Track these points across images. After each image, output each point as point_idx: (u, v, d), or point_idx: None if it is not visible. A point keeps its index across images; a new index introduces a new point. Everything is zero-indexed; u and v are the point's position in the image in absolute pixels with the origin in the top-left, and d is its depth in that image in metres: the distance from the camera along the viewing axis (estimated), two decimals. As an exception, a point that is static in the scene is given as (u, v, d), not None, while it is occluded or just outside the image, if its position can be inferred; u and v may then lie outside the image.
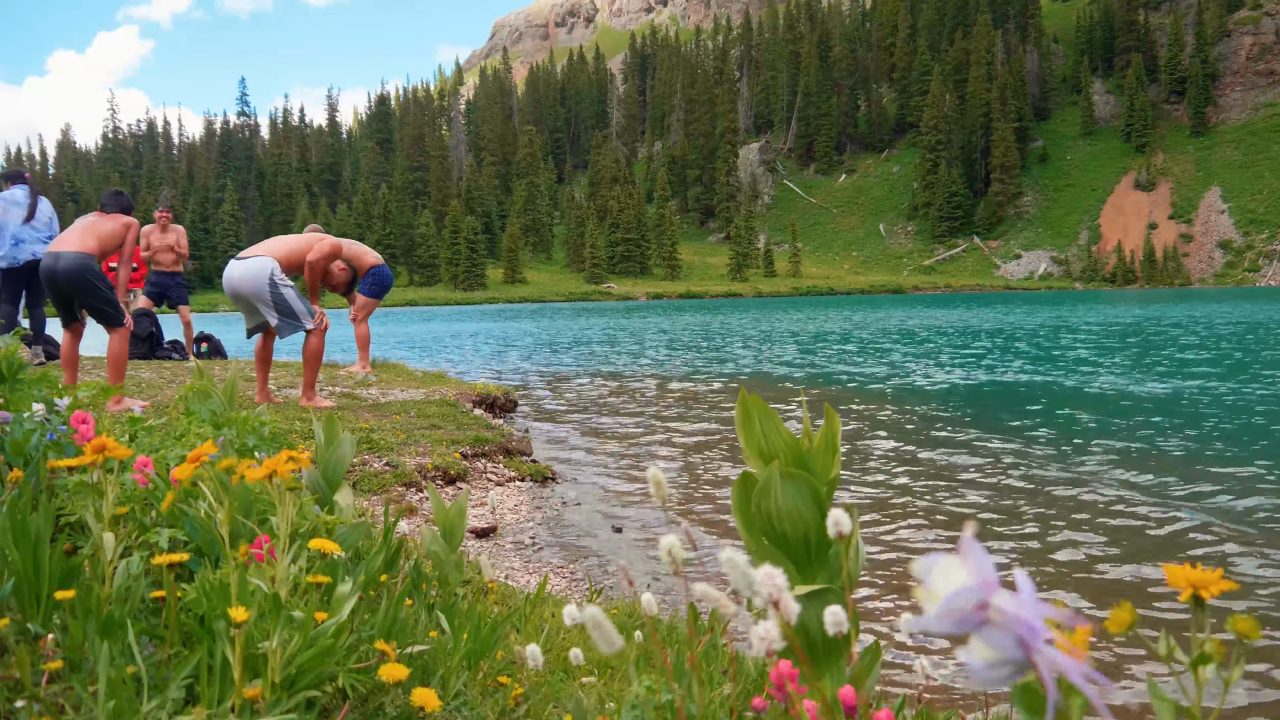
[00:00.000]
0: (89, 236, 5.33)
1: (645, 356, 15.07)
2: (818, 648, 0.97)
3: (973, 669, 0.41)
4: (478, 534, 3.71)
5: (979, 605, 0.40)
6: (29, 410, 1.54)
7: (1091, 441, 6.05)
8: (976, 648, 0.41)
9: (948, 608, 0.40)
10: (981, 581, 0.41)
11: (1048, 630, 0.41)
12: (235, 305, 5.58)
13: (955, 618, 0.41)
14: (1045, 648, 0.41)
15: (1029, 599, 0.41)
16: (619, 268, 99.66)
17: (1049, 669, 0.41)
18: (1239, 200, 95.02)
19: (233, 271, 5.45)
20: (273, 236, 5.85)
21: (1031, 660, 0.41)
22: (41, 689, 0.96)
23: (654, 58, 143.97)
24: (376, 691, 1.10)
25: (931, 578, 0.42)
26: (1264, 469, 5.06)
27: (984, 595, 0.41)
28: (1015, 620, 0.40)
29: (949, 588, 0.41)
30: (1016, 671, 0.41)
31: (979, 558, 0.41)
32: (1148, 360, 12.31)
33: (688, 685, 0.92)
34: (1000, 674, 0.41)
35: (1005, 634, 0.41)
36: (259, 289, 5.37)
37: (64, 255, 5.21)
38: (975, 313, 33.55)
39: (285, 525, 1.02)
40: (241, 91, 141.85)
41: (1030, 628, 0.40)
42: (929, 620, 0.41)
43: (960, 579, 0.41)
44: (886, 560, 3.56)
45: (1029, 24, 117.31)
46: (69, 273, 5.18)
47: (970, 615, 0.41)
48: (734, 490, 1.00)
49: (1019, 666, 0.41)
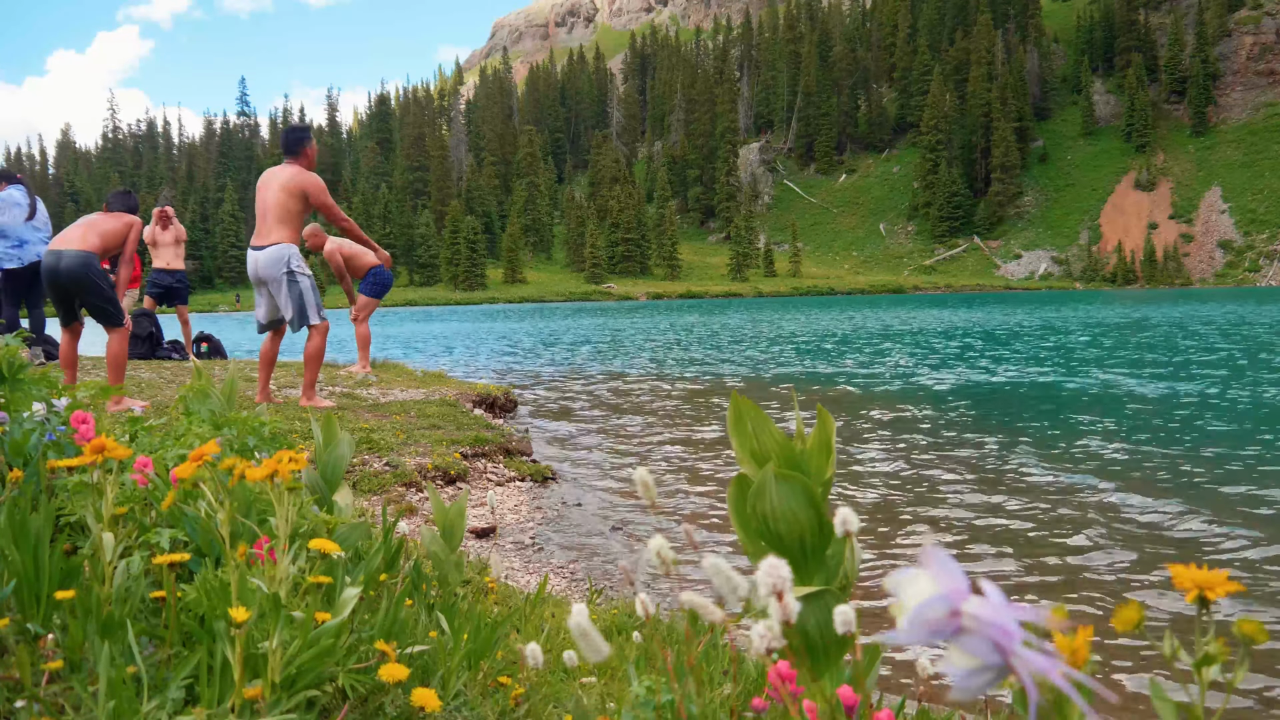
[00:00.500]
0: (91, 234, 5.29)
1: (646, 357, 15.07)
2: (817, 648, 0.97)
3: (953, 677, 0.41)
4: (478, 534, 3.71)
5: (951, 613, 0.41)
6: (29, 410, 1.54)
7: (1093, 442, 6.05)
8: (954, 656, 0.41)
9: (917, 618, 0.41)
10: (949, 590, 0.41)
11: (1022, 632, 0.41)
12: (256, 293, 5.58)
13: (927, 628, 0.41)
14: (1022, 650, 0.41)
15: (999, 603, 0.41)
16: (619, 268, 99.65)
17: (1028, 671, 0.41)
18: (1239, 200, 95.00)
19: (257, 260, 5.45)
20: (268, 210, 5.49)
21: (1009, 664, 0.41)
22: (41, 689, 0.96)
23: (654, 57, 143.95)
24: (376, 692, 1.10)
25: (900, 591, 0.42)
26: (1270, 469, 5.06)
27: (953, 603, 0.41)
28: (989, 625, 0.40)
29: (917, 599, 0.41)
30: (997, 676, 0.41)
31: (945, 566, 0.41)
32: (1150, 360, 12.31)
33: (687, 685, 0.92)
34: (981, 680, 0.41)
35: (980, 640, 0.41)
36: (276, 275, 5.37)
37: (66, 253, 5.18)
38: (977, 313, 33.55)
39: (286, 525, 1.02)
40: (241, 91, 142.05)
41: (1005, 631, 0.40)
42: (901, 633, 0.41)
43: (928, 589, 0.41)
44: (886, 561, 3.56)
45: (1029, 24, 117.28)
46: (71, 271, 5.15)
47: (943, 624, 0.41)
48: (729, 492, 1.00)
49: (998, 671, 0.41)
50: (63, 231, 5.37)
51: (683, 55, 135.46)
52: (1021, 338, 18.14)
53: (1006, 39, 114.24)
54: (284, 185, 5.39)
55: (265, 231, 5.43)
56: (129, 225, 5.44)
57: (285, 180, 5.41)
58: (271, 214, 5.40)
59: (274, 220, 5.40)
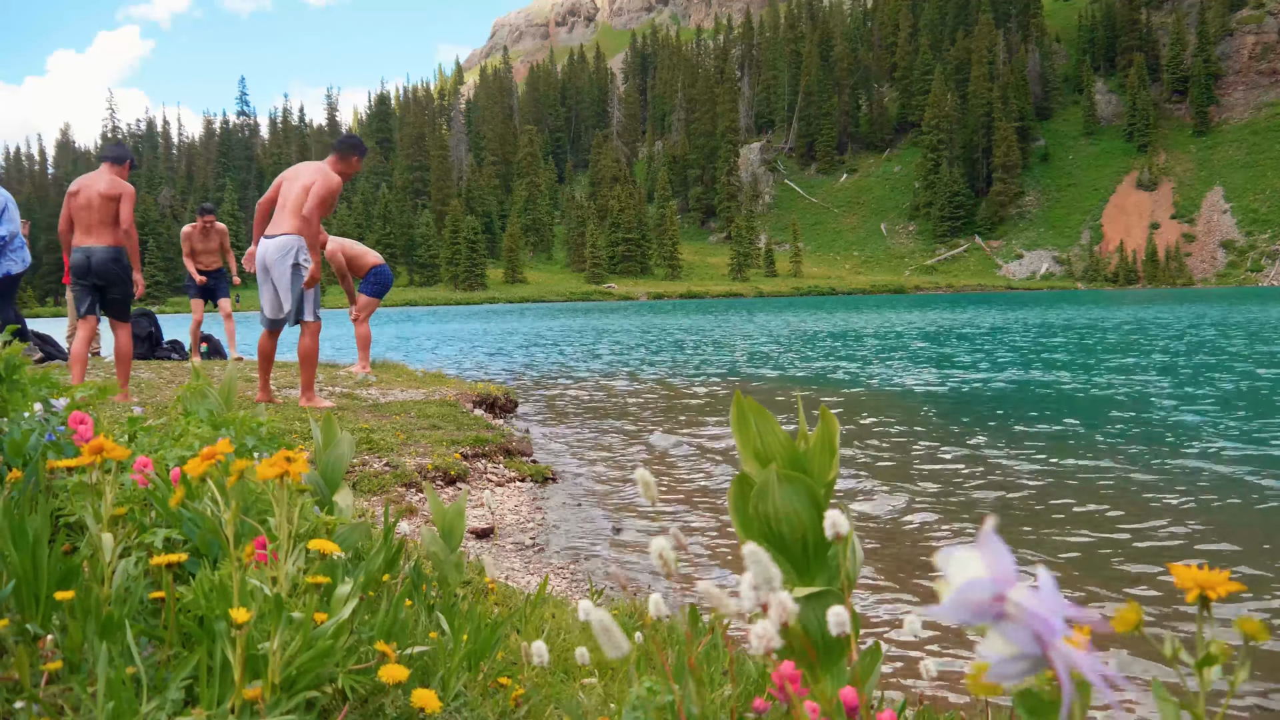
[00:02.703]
0: (105, 230, 5.44)
1: (646, 357, 15.07)
2: (818, 649, 0.97)
3: (988, 662, 0.41)
4: (478, 534, 3.70)
5: (995, 598, 0.40)
6: (29, 411, 1.54)
7: (1095, 442, 6.04)
8: (993, 641, 0.41)
9: (961, 598, 0.40)
10: (998, 575, 0.40)
11: (1065, 627, 0.40)
12: (261, 285, 5.59)
13: (970, 609, 0.40)
14: (1062, 645, 0.40)
15: (1050, 596, 0.40)
16: (619, 267, 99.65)
17: (1065, 666, 0.40)
18: (1241, 200, 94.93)
19: (267, 247, 5.46)
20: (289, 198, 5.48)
21: (1048, 656, 0.40)
22: (41, 690, 0.96)
23: (654, 57, 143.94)
24: (376, 693, 1.10)
25: (950, 569, 0.41)
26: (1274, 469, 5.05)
27: (1000, 589, 0.40)
28: (1032, 615, 0.40)
29: (964, 579, 0.40)
30: (1032, 667, 0.41)
31: (997, 551, 0.41)
32: (1154, 359, 12.31)
33: (687, 686, 0.92)
34: (1016, 669, 0.41)
35: (1022, 629, 0.40)
36: (283, 264, 5.38)
37: (95, 250, 5.35)
38: (977, 314, 33.54)
39: (288, 526, 1.01)
40: (241, 91, 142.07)
41: (1047, 624, 0.40)
42: (942, 610, 0.41)
43: (977, 571, 0.41)
44: (889, 563, 3.55)
45: (1031, 23, 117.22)
46: (102, 266, 5.34)
47: (986, 607, 0.40)
48: (731, 492, 1.00)
49: (1035, 662, 0.41)
50: (83, 225, 5.43)
51: (683, 55, 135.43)
52: (1023, 337, 18.13)
53: (1008, 38, 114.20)
54: (306, 185, 5.42)
55: (280, 221, 5.46)
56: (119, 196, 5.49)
57: (309, 178, 5.45)
58: (290, 205, 5.43)
59: (291, 211, 5.42)
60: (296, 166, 5.62)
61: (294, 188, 5.44)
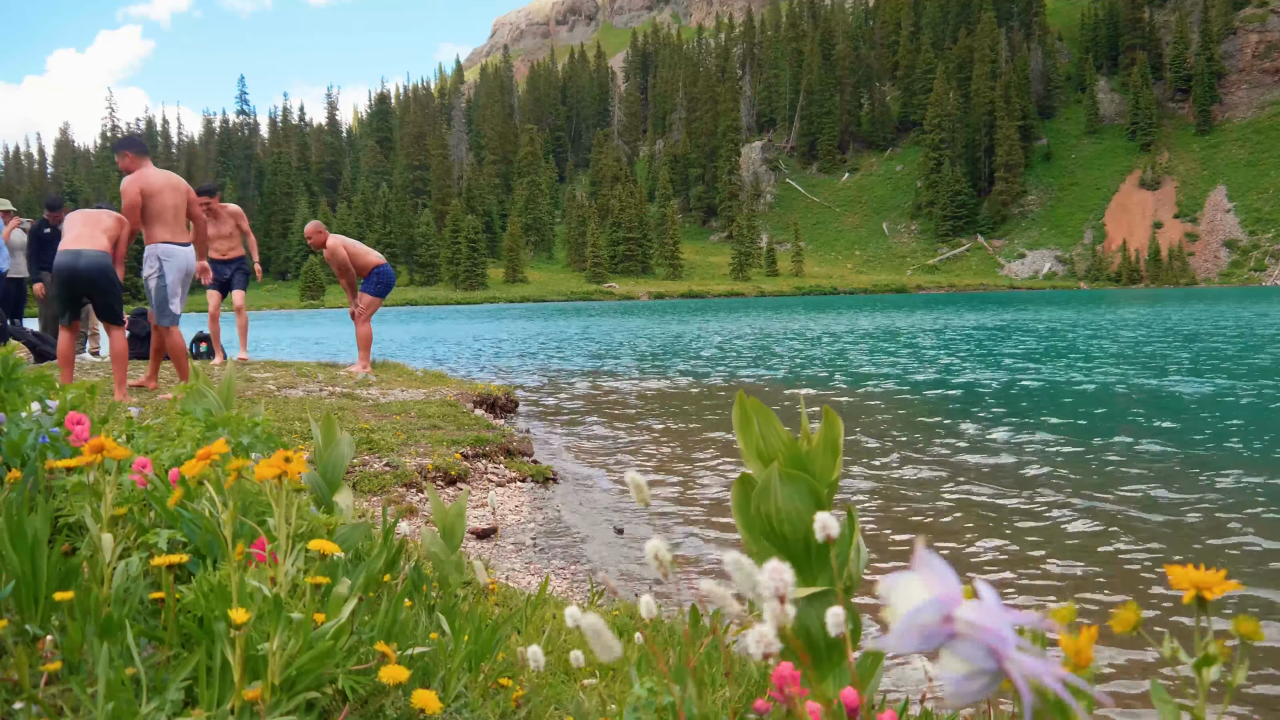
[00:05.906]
0: (98, 234, 5.45)
1: (647, 357, 15.07)
2: (819, 650, 0.97)
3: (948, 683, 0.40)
4: (478, 535, 3.70)
5: (944, 619, 0.40)
6: (27, 410, 1.54)
7: (1097, 442, 6.04)
8: (948, 662, 0.40)
9: (909, 624, 0.40)
10: (942, 595, 0.40)
11: (1017, 637, 0.40)
12: (182, 286, 5.90)
13: (919, 634, 0.40)
14: (1017, 654, 0.40)
15: (993, 607, 0.40)
16: (620, 267, 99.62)
17: (1022, 675, 0.40)
18: (1245, 199, 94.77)
19: (189, 256, 5.92)
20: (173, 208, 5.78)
21: (1004, 668, 0.40)
22: (40, 690, 0.96)
23: (655, 56, 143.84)
24: (377, 693, 1.10)
25: (892, 596, 0.41)
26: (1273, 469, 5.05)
27: (947, 608, 0.40)
28: (983, 630, 0.39)
29: (909, 604, 0.40)
30: (992, 681, 0.40)
31: (937, 570, 0.40)
32: (1156, 360, 12.29)
33: (687, 687, 0.91)
34: (976, 686, 0.40)
35: (974, 645, 0.40)
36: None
37: (85, 253, 5.36)
38: (981, 315, 33.52)
39: (287, 526, 1.01)
40: (241, 90, 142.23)
41: (999, 636, 0.39)
42: (892, 640, 0.40)
43: (920, 594, 0.40)
44: (893, 563, 3.55)
45: (1033, 21, 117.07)
46: (90, 270, 5.33)
47: (936, 630, 0.40)
48: (733, 492, 1.00)
49: (994, 676, 0.40)
50: (72, 231, 5.43)
51: (684, 53, 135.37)
52: (1026, 338, 18.11)
53: (1010, 37, 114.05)
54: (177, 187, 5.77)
55: (180, 230, 5.79)
56: (120, 223, 5.55)
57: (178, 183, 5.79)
58: (176, 214, 5.75)
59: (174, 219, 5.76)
60: (169, 177, 5.80)
61: (178, 200, 5.75)
